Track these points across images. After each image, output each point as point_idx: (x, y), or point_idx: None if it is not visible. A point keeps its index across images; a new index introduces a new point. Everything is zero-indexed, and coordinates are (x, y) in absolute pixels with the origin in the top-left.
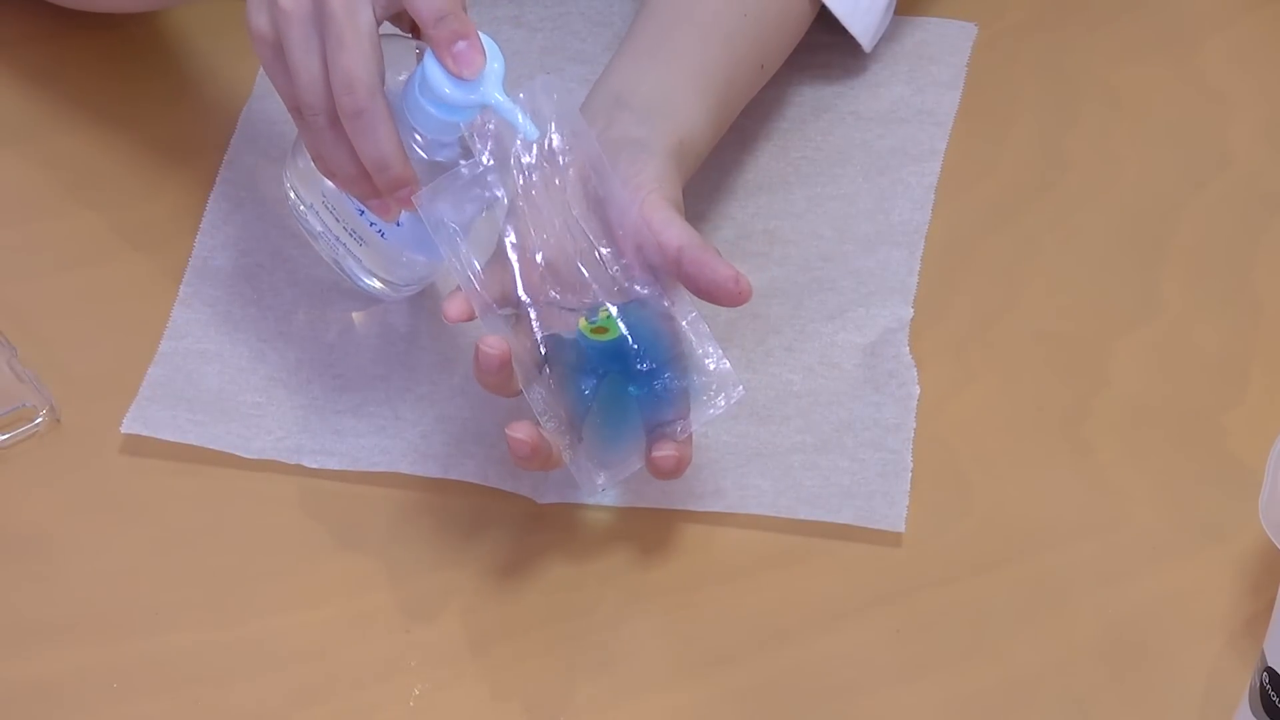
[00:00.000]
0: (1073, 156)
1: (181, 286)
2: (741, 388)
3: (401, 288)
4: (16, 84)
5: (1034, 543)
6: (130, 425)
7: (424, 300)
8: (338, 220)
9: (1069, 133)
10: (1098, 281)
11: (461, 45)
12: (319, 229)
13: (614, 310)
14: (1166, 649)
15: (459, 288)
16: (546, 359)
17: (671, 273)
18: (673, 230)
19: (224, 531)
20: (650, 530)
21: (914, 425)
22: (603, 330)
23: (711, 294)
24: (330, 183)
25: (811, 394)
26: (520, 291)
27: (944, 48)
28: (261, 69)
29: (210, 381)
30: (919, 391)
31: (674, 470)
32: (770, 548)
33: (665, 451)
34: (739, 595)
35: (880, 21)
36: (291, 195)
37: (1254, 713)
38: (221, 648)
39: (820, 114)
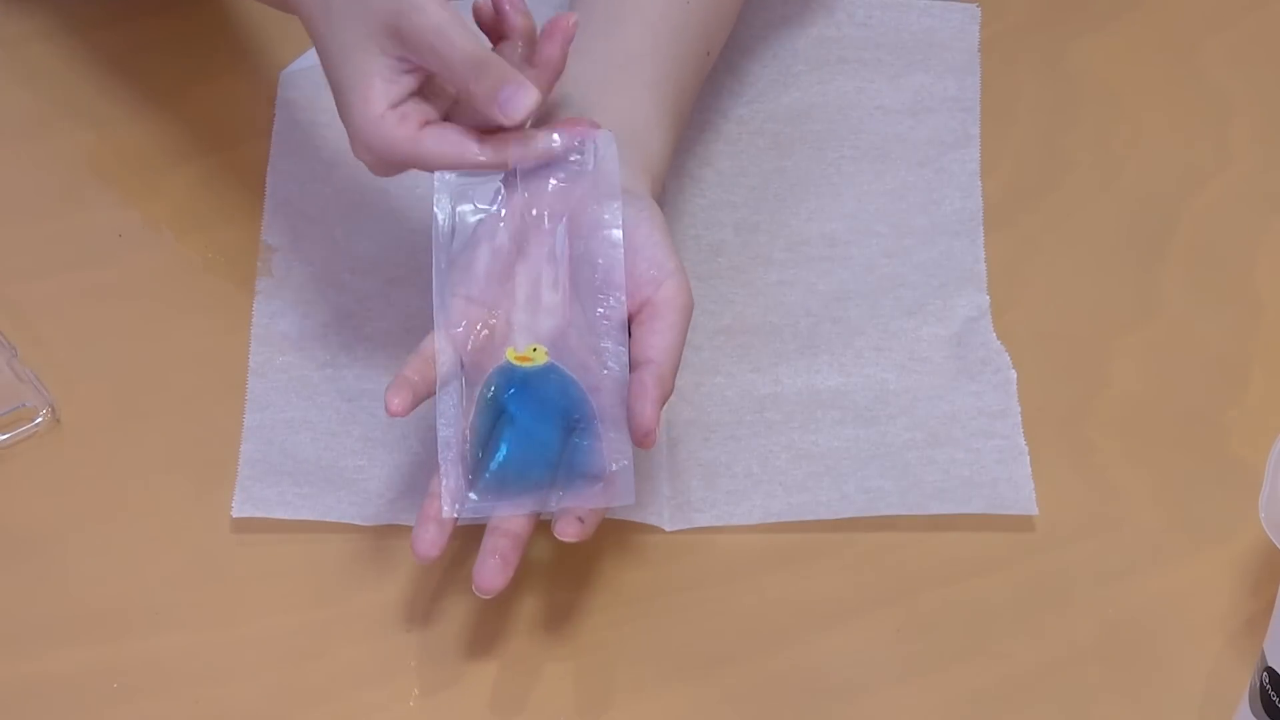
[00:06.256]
0: (1073, 156)
1: (250, 356)
2: (632, 501)
3: None
4: (16, 84)
5: (1034, 543)
6: (241, 509)
7: None
8: None
9: (1069, 133)
10: (1098, 281)
11: (508, 91)
12: None
13: (545, 349)
14: (1166, 649)
15: (401, 381)
16: (468, 368)
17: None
18: (658, 342)
19: (224, 531)
20: (650, 531)
21: (1019, 409)
22: (527, 359)
23: (628, 411)
24: None
25: (909, 391)
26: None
27: (951, 33)
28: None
29: (305, 450)
30: (1016, 375)
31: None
32: (770, 548)
33: (569, 526)
34: (739, 595)
35: None
36: None
37: (1254, 713)
38: (221, 648)
39: (846, 111)
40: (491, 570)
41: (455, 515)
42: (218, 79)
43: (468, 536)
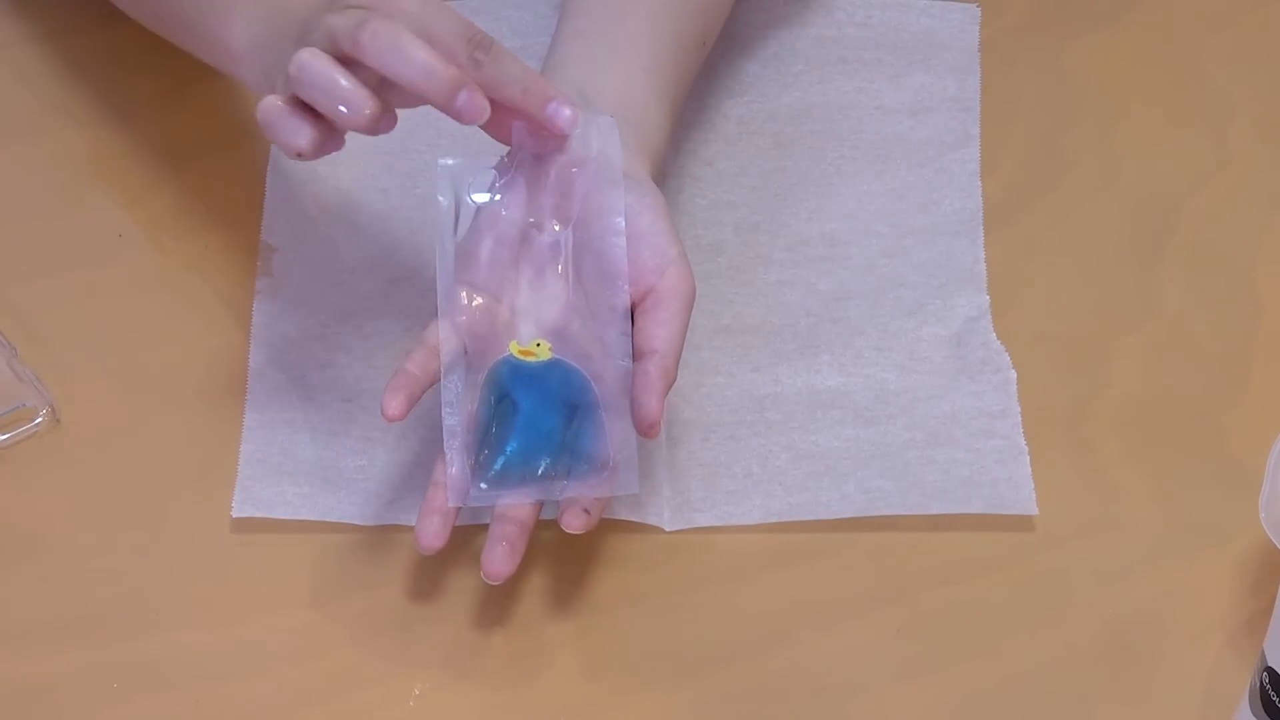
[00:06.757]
0: (1073, 156)
1: (250, 356)
2: (637, 490)
3: None
4: (16, 84)
5: (1034, 543)
6: (241, 509)
7: None
8: None
9: (1069, 133)
10: (1098, 281)
11: (553, 106)
12: None
13: (548, 343)
14: (1166, 649)
15: (399, 380)
16: (471, 355)
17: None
18: (662, 332)
19: (224, 531)
20: (650, 530)
21: (1019, 409)
22: (530, 353)
23: (632, 402)
24: None
25: (909, 391)
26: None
27: (951, 33)
28: None
29: (305, 451)
30: (1016, 376)
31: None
32: (770, 548)
33: (575, 518)
34: (739, 595)
35: None
36: None
37: (1254, 713)
38: (221, 648)
39: (846, 111)
40: (500, 557)
41: (461, 505)
42: (218, 79)
43: (467, 531)
